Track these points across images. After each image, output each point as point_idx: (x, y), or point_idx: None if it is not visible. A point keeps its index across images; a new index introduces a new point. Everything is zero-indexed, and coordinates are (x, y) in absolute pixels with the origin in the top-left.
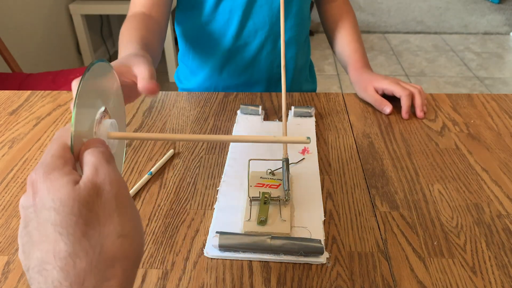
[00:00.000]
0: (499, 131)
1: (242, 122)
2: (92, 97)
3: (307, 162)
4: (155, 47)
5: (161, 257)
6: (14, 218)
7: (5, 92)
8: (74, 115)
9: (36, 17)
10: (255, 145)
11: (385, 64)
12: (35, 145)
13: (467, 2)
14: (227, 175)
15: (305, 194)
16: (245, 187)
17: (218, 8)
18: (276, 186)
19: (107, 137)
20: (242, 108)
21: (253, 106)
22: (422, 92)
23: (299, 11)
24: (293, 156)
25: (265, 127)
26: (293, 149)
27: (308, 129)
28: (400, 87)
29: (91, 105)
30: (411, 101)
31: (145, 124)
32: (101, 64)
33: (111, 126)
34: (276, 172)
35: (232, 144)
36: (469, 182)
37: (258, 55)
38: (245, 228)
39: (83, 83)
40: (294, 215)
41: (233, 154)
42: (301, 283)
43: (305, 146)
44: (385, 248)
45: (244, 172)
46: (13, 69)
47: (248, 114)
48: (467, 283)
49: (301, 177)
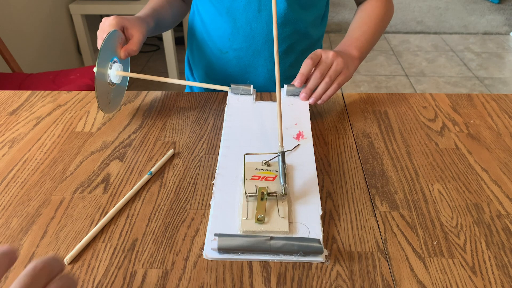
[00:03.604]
0: (499, 131)
1: (233, 102)
2: (108, 52)
3: (302, 148)
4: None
5: (161, 257)
6: (14, 218)
7: (5, 92)
8: (97, 61)
9: (36, 17)
10: (248, 133)
11: (385, 64)
12: (35, 145)
13: (467, 2)
14: (222, 167)
15: (302, 185)
16: (240, 180)
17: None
18: (272, 179)
19: (115, 74)
20: (233, 88)
21: (244, 85)
22: (332, 79)
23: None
24: (288, 142)
25: (257, 107)
26: (287, 135)
27: (302, 110)
28: (310, 67)
29: (107, 55)
30: (315, 85)
31: (145, 124)
32: (115, 32)
33: (119, 67)
34: (271, 162)
35: (225, 131)
36: (469, 182)
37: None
38: (243, 227)
39: (103, 44)
40: (291, 209)
41: (226, 142)
42: (301, 283)
43: (299, 131)
44: (385, 248)
45: (238, 162)
46: (13, 69)
47: (239, 94)
48: (467, 283)
49: (296, 166)
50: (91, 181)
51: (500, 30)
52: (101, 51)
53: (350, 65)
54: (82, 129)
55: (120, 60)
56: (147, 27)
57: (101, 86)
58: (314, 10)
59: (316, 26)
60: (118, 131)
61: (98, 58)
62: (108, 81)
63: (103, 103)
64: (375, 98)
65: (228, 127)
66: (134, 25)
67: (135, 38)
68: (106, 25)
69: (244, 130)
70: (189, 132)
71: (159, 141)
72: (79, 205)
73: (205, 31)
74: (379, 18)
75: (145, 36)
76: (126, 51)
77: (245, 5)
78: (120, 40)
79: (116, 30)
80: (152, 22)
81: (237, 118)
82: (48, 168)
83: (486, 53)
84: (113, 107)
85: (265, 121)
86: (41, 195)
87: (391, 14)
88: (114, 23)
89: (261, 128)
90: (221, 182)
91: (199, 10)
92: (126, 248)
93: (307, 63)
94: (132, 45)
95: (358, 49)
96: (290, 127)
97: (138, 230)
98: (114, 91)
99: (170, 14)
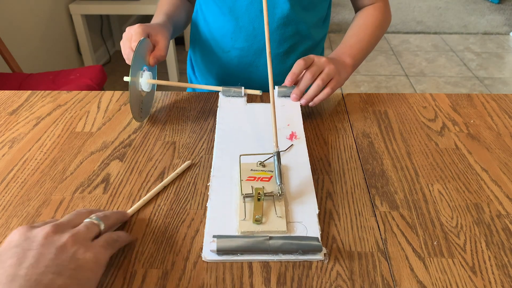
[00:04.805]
0: (499, 131)
1: (225, 105)
2: (139, 60)
3: (296, 148)
4: (180, 18)
5: (161, 257)
6: (14, 218)
7: (5, 92)
8: (130, 70)
9: (36, 17)
10: (241, 135)
11: (384, 64)
12: (35, 145)
13: (467, 2)
14: (216, 169)
15: (297, 185)
16: (235, 181)
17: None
18: (268, 179)
19: (147, 82)
20: (224, 90)
21: (235, 87)
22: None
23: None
24: (281, 143)
25: (249, 109)
26: (280, 136)
27: (294, 110)
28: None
29: (138, 64)
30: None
31: (145, 124)
32: (145, 41)
33: (149, 75)
34: (266, 163)
35: (218, 134)
36: (469, 182)
37: (257, 60)
38: (241, 228)
39: (135, 52)
40: (288, 209)
41: (220, 145)
42: (301, 283)
43: (292, 131)
44: (385, 248)
45: (233, 164)
46: (13, 69)
47: (230, 96)
48: (467, 283)
49: (291, 166)
50: (91, 181)
51: (500, 30)
52: (133, 60)
53: (342, 72)
54: (82, 129)
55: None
56: (168, 32)
57: (134, 95)
58: (316, 12)
59: (318, 27)
60: (118, 131)
61: (131, 67)
62: (140, 90)
63: (136, 112)
64: (375, 98)
65: (221, 130)
66: (158, 31)
67: (161, 43)
68: (132, 34)
69: (237, 132)
70: (189, 132)
71: (159, 141)
72: (79, 205)
73: (207, 30)
74: (375, 26)
75: (169, 41)
76: (155, 58)
77: (248, 4)
78: (148, 48)
79: (145, 38)
80: (170, 27)
81: (229, 120)
82: (48, 168)
83: (486, 53)
84: (145, 115)
85: (258, 123)
86: (41, 195)
87: (388, 22)
88: (140, 30)
89: (254, 129)
90: (217, 184)
91: (202, 9)
92: (126, 248)
93: (299, 63)
94: (160, 51)
95: (352, 57)
96: (283, 127)
97: (138, 230)
98: (145, 99)
99: (183, 17)
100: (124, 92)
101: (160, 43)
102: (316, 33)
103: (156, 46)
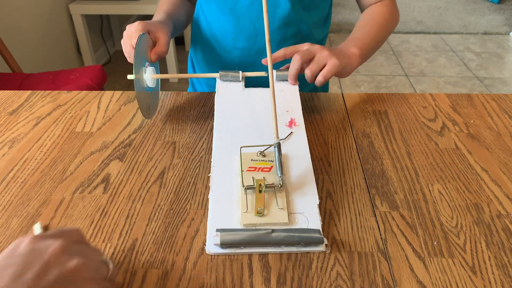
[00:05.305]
0: (499, 131)
1: (223, 90)
2: (140, 56)
3: (295, 136)
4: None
5: (161, 257)
6: (14, 218)
7: (5, 92)
8: (134, 68)
9: (36, 17)
10: (240, 122)
11: (384, 64)
12: (35, 145)
13: (467, 2)
14: (216, 159)
15: (298, 175)
16: (236, 172)
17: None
18: (269, 169)
19: (151, 77)
20: (222, 75)
21: (233, 72)
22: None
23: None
24: (280, 130)
25: (247, 94)
26: (279, 122)
27: (292, 95)
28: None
29: (140, 60)
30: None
31: (145, 123)
32: (144, 36)
33: (152, 71)
34: (266, 152)
35: (217, 121)
36: (469, 182)
37: (258, 59)
38: (244, 221)
39: (136, 48)
40: (289, 200)
41: (218, 134)
42: (301, 283)
43: (291, 118)
44: (385, 248)
45: (233, 153)
46: (13, 69)
47: (228, 81)
48: (467, 283)
49: (291, 155)
50: (91, 181)
51: (500, 30)
52: (135, 57)
53: (340, 57)
54: (82, 129)
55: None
56: (168, 29)
57: (140, 92)
58: (317, 12)
59: (319, 27)
60: (118, 131)
61: (134, 64)
62: (145, 86)
63: (144, 108)
64: (375, 98)
65: (219, 117)
66: (159, 28)
67: (162, 40)
68: (132, 31)
69: (235, 119)
70: (189, 132)
71: (159, 141)
72: (79, 205)
73: (208, 29)
74: (383, 20)
75: (170, 37)
76: (156, 53)
77: (248, 4)
78: (148, 44)
79: (145, 34)
80: (171, 24)
81: (227, 107)
82: (48, 168)
83: (486, 53)
84: (153, 111)
85: (256, 109)
86: (41, 195)
87: (396, 19)
88: (140, 27)
89: (253, 115)
90: (218, 175)
91: (203, 9)
92: (126, 248)
93: (291, 45)
94: (161, 47)
95: (358, 47)
96: (281, 114)
97: (138, 230)
98: (151, 95)
99: (183, 16)
100: (124, 92)
101: (161, 39)
102: (317, 33)
103: (157, 42)
